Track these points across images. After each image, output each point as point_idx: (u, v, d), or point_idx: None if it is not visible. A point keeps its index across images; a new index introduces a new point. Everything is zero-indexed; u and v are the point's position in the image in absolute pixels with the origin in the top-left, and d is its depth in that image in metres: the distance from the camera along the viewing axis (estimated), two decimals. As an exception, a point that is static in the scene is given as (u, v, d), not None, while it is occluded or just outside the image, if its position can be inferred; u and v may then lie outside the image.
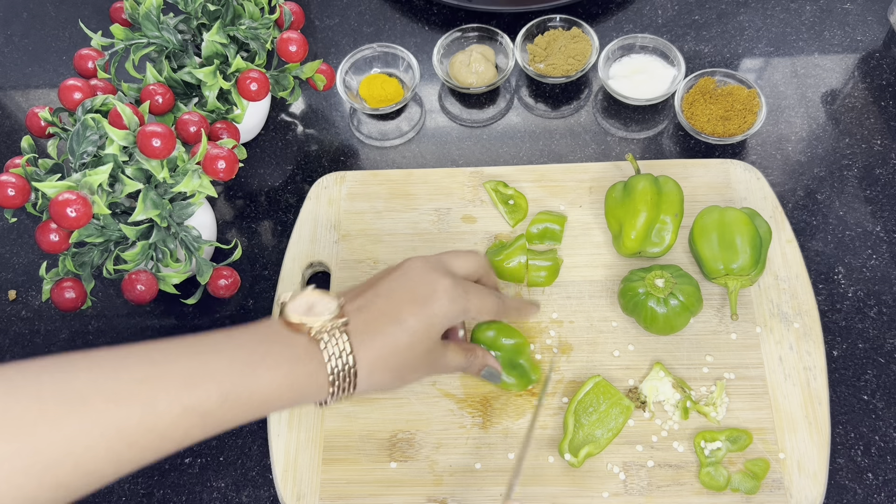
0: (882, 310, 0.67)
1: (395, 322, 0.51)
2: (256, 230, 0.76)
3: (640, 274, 0.64)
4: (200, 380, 0.44)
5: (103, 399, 0.41)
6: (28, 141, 0.64)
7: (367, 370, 0.49)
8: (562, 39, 0.81)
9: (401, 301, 0.52)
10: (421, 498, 0.61)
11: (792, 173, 0.75)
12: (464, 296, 0.54)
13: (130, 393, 0.42)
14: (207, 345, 0.46)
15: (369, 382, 0.50)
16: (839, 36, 0.83)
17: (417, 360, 0.52)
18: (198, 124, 0.64)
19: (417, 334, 0.51)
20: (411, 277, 0.53)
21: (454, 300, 0.53)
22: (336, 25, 0.89)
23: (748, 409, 0.62)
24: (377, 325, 0.50)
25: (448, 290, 0.53)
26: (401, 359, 0.51)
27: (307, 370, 0.47)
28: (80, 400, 0.40)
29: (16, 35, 0.93)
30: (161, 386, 0.42)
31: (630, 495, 0.60)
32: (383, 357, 0.50)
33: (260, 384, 0.45)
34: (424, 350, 0.52)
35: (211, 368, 0.44)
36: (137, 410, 0.41)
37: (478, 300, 0.55)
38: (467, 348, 0.58)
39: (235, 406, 0.45)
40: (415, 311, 0.51)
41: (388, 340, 0.50)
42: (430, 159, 0.79)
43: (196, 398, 0.43)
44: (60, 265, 0.63)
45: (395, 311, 0.51)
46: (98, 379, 0.41)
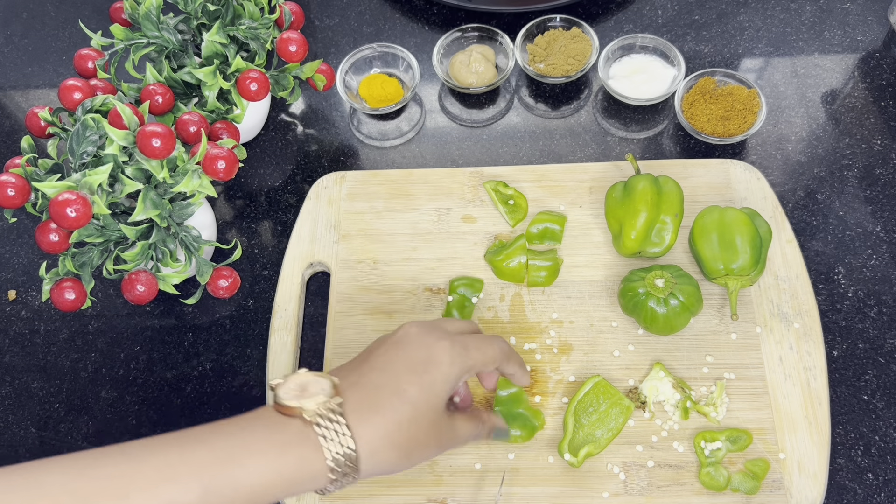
0: (882, 310, 0.67)
1: (395, 394, 0.47)
2: (256, 230, 0.76)
3: (640, 274, 0.64)
4: (179, 473, 0.41)
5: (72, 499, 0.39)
6: (28, 141, 0.64)
7: (369, 451, 0.46)
8: (562, 39, 0.81)
9: (398, 371, 0.48)
10: (421, 498, 0.61)
11: (792, 173, 0.75)
12: (463, 353, 0.51)
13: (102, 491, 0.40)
14: (190, 436, 0.44)
15: (373, 464, 0.46)
16: (839, 36, 0.83)
17: (423, 433, 0.48)
18: (198, 124, 0.64)
19: (420, 405, 0.48)
20: (407, 345, 0.50)
21: (454, 361, 0.50)
22: (336, 25, 0.89)
23: (748, 410, 0.62)
24: (376, 401, 0.47)
25: (447, 351, 0.50)
26: (405, 434, 0.47)
27: (299, 455, 0.44)
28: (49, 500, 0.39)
29: (16, 35, 0.93)
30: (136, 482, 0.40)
31: (630, 495, 0.60)
32: (386, 434, 0.46)
33: (245, 474, 0.43)
34: (429, 422, 0.48)
35: (191, 460, 0.42)
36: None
37: (478, 353, 0.52)
38: (473, 415, 0.55)
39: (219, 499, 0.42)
40: (414, 379, 0.48)
41: (389, 416, 0.47)
42: (430, 159, 0.79)
43: (173, 493, 0.41)
44: (60, 265, 0.63)
45: (394, 383, 0.48)
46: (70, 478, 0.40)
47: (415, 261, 0.71)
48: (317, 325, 0.70)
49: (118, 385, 0.69)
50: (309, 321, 0.71)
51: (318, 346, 0.69)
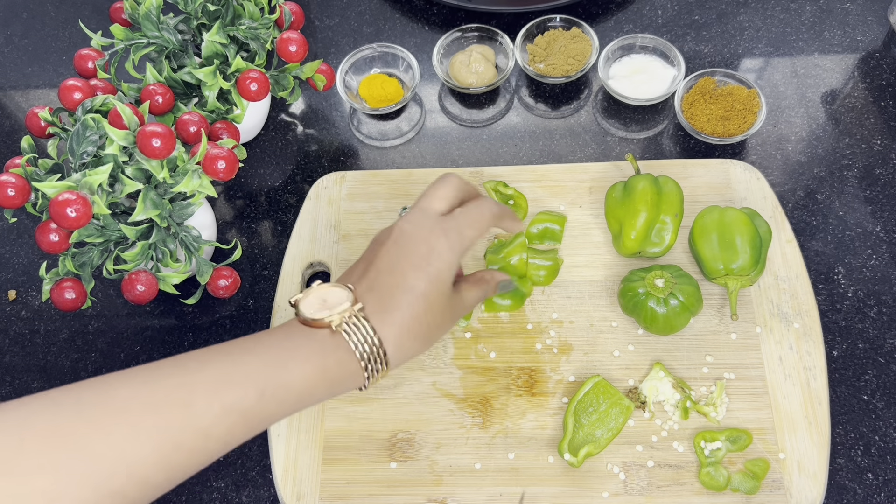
0: (882, 310, 0.67)
1: (407, 291, 0.51)
2: (256, 230, 0.76)
3: (640, 274, 0.64)
4: (235, 379, 0.45)
5: (143, 407, 0.42)
6: (28, 141, 0.64)
7: (395, 345, 0.50)
8: (562, 39, 0.81)
9: (405, 270, 0.52)
10: (421, 498, 0.61)
11: (792, 173, 0.75)
12: (458, 235, 0.54)
13: (169, 398, 0.43)
14: (237, 347, 0.47)
15: (400, 355, 0.51)
16: (839, 36, 0.83)
17: (439, 317, 0.52)
18: (198, 124, 0.64)
19: (431, 295, 0.51)
20: (406, 243, 0.54)
21: (452, 247, 0.53)
22: (336, 25, 0.89)
23: (748, 409, 0.62)
24: (392, 301, 0.50)
25: (443, 239, 0.53)
26: (424, 324, 0.51)
27: (337, 359, 0.48)
28: (122, 410, 0.42)
29: (16, 35, 0.93)
30: (198, 389, 0.44)
31: (630, 495, 0.60)
32: (406, 328, 0.50)
33: (294, 378, 0.46)
34: (442, 307, 0.52)
35: (244, 368, 0.45)
36: (178, 413, 0.42)
37: (472, 230, 0.55)
38: (477, 279, 0.59)
39: (273, 401, 0.46)
40: (420, 275, 0.51)
41: (407, 312, 0.50)
42: (430, 159, 0.79)
43: (234, 396, 0.44)
44: (60, 265, 0.63)
45: (403, 282, 0.51)
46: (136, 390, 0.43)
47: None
48: (317, 325, 0.70)
49: (118, 385, 0.69)
50: (309, 321, 0.71)
51: (318, 346, 0.69)
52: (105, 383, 0.43)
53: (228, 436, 0.44)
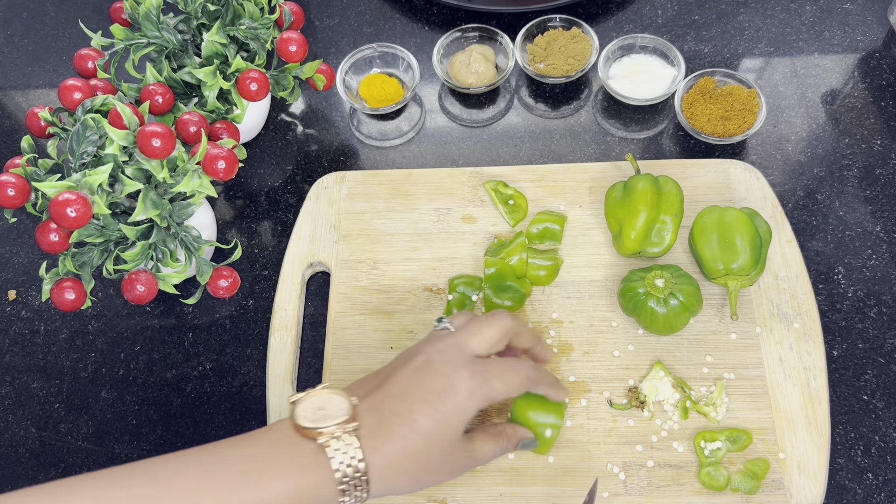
0: (882, 310, 0.67)
1: (407, 424, 0.48)
2: (256, 230, 0.76)
3: (640, 274, 0.64)
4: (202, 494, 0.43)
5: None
6: (28, 141, 0.64)
7: (380, 476, 0.47)
8: (562, 39, 0.81)
9: (413, 400, 0.49)
10: (421, 498, 0.61)
11: (792, 173, 0.75)
12: (484, 385, 0.50)
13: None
14: (211, 455, 0.46)
15: (383, 488, 0.48)
16: (839, 36, 0.83)
17: (435, 462, 0.49)
18: (198, 124, 0.64)
19: (431, 436, 0.48)
20: (426, 373, 0.50)
21: (473, 393, 0.49)
22: (336, 25, 0.89)
23: (748, 409, 0.62)
24: (389, 428, 0.47)
25: (466, 382, 0.49)
26: (415, 463, 0.48)
27: (315, 480, 0.45)
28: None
29: (16, 35, 0.93)
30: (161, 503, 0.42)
31: (630, 495, 0.60)
32: (396, 462, 0.47)
33: (264, 496, 0.44)
34: (441, 451, 0.49)
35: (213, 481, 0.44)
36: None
37: (500, 383, 0.51)
38: (496, 432, 0.54)
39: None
40: (428, 411, 0.48)
41: (400, 444, 0.47)
42: (430, 159, 0.79)
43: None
44: (60, 265, 0.63)
45: (407, 412, 0.48)
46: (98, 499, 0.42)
47: (415, 261, 0.71)
48: (317, 325, 0.70)
49: (118, 385, 0.69)
50: (309, 321, 0.71)
51: (318, 346, 0.69)
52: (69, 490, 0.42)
53: None
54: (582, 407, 0.63)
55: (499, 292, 0.67)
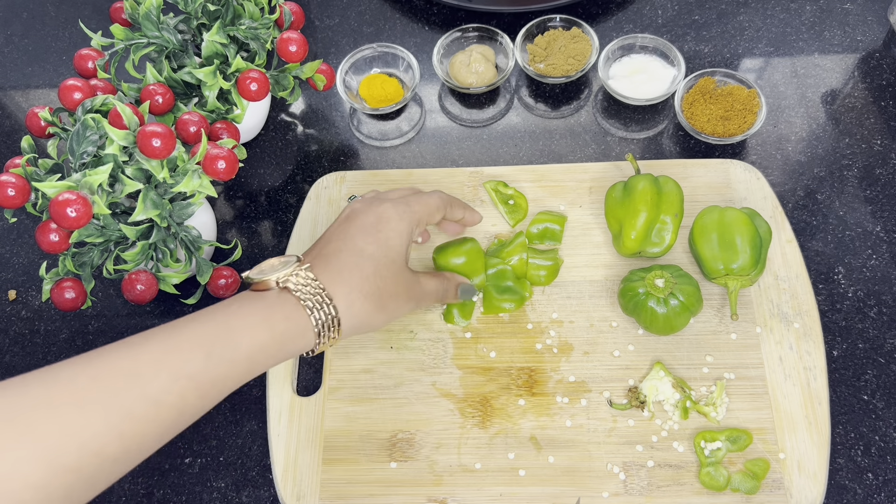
0: (882, 310, 0.67)
1: (355, 253, 0.53)
2: (256, 230, 0.76)
3: (640, 274, 0.64)
4: (181, 345, 0.45)
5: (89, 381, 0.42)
6: (28, 141, 0.64)
7: (345, 303, 0.51)
8: (562, 39, 0.81)
9: (353, 236, 0.54)
10: (421, 498, 0.61)
11: (792, 173, 0.75)
12: (407, 209, 0.57)
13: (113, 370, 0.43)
14: (182, 320, 0.48)
15: (352, 315, 0.51)
16: (839, 36, 0.83)
17: (390, 284, 0.54)
18: (198, 124, 0.64)
19: (379, 259, 0.53)
20: (356, 216, 0.56)
21: (401, 216, 0.56)
22: (336, 25, 0.89)
23: (748, 409, 0.62)
24: (340, 262, 0.52)
25: (392, 210, 0.56)
26: (373, 284, 0.52)
27: (284, 314, 0.49)
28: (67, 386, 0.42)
29: (16, 35, 0.93)
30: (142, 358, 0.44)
31: (630, 495, 0.60)
32: (356, 287, 0.51)
33: (240, 337, 0.47)
34: (393, 274, 0.54)
35: (189, 335, 0.46)
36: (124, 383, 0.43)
37: (420, 206, 0.58)
38: (437, 273, 0.62)
39: (222, 362, 0.46)
40: (369, 239, 0.54)
41: (355, 271, 0.52)
42: (430, 159, 0.79)
43: (179, 361, 0.44)
44: (60, 265, 0.63)
45: (353, 246, 0.53)
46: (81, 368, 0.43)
47: (415, 261, 0.71)
48: (317, 325, 0.70)
49: (118, 385, 0.69)
50: (309, 321, 0.71)
51: (318, 346, 0.69)
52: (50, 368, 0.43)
53: (181, 403, 0.44)
54: (582, 407, 0.63)
55: (499, 293, 0.67)
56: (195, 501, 0.64)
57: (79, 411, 0.41)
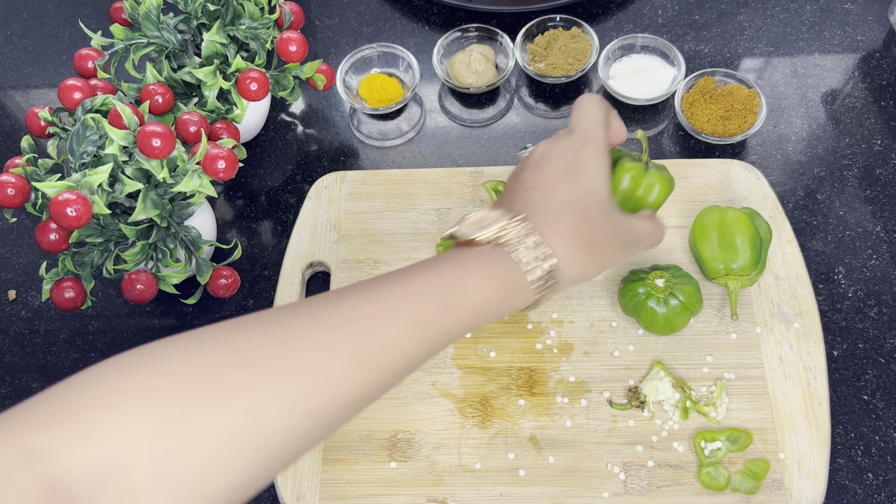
0: (882, 310, 0.67)
1: (563, 202, 0.50)
2: (256, 230, 0.76)
3: (640, 274, 0.64)
4: (414, 294, 0.45)
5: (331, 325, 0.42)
6: (28, 141, 0.64)
7: (564, 253, 0.48)
8: (562, 39, 0.81)
9: (555, 183, 0.51)
10: (421, 498, 0.61)
11: (792, 173, 0.75)
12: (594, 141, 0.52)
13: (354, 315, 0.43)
14: (408, 270, 0.47)
15: (570, 266, 0.49)
16: (839, 36, 0.83)
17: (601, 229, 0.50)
18: (198, 124, 0.64)
19: (587, 204, 0.50)
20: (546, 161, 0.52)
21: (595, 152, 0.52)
22: (336, 25, 0.89)
23: (748, 409, 0.62)
24: (548, 213, 0.49)
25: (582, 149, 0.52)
26: (589, 235, 0.50)
27: (508, 270, 0.47)
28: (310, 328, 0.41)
29: (16, 35, 0.93)
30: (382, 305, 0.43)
31: (630, 495, 0.60)
32: (571, 237, 0.49)
33: (470, 291, 0.46)
34: (603, 217, 0.51)
35: (419, 285, 0.45)
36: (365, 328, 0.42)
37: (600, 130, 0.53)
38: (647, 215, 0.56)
39: (452, 314, 0.45)
40: (571, 185, 0.50)
41: (567, 220, 0.49)
42: (430, 159, 0.79)
43: (415, 309, 0.44)
44: (60, 265, 0.63)
45: (557, 194, 0.50)
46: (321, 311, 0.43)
47: (415, 261, 0.71)
48: (317, 325, 0.70)
49: (118, 385, 0.69)
50: (309, 321, 0.71)
51: (318, 346, 0.69)
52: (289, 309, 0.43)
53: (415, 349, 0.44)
54: (582, 407, 0.63)
55: None
56: (195, 501, 0.64)
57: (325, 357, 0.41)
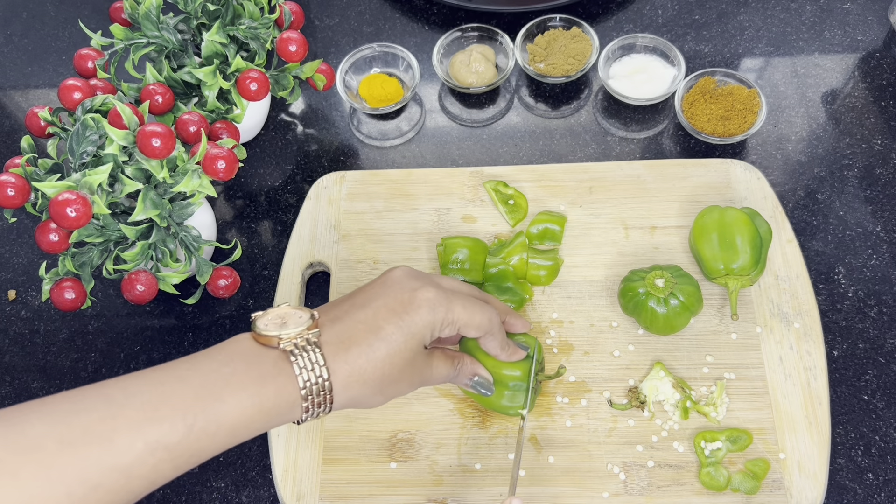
0: (882, 310, 0.67)
1: (372, 332, 0.48)
2: (256, 230, 0.76)
3: (640, 274, 0.64)
4: (162, 413, 0.41)
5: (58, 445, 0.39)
6: (28, 141, 0.64)
7: (343, 383, 0.47)
8: (562, 39, 0.81)
9: (378, 310, 0.49)
10: (421, 498, 0.61)
11: (792, 173, 0.75)
12: (447, 305, 0.50)
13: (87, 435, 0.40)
14: (169, 374, 0.44)
15: (346, 396, 0.47)
16: (839, 36, 0.83)
17: (398, 371, 0.49)
18: (198, 124, 0.64)
19: (396, 344, 0.48)
20: (391, 286, 0.51)
21: (435, 308, 0.50)
22: (336, 25, 0.89)
23: (748, 409, 0.62)
24: (353, 336, 0.48)
25: (430, 298, 0.50)
26: (379, 371, 0.48)
27: (276, 387, 0.45)
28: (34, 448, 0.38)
29: (16, 35, 0.92)
30: (120, 423, 0.40)
31: (630, 495, 0.60)
32: (360, 369, 0.47)
33: (226, 409, 0.43)
34: (404, 361, 0.49)
35: (173, 399, 0.42)
36: (96, 451, 0.39)
37: (464, 312, 0.51)
38: (453, 356, 0.55)
39: (203, 436, 0.42)
40: (393, 319, 0.49)
41: (365, 351, 0.47)
42: (430, 159, 0.79)
43: (159, 431, 0.41)
44: (60, 265, 0.63)
45: (372, 321, 0.48)
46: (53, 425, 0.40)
47: (415, 261, 0.71)
48: (317, 325, 0.70)
49: (118, 385, 0.69)
50: (309, 321, 0.71)
51: (318, 346, 0.69)
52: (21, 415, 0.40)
53: (153, 474, 0.41)
54: (582, 407, 0.63)
55: (499, 294, 0.67)
56: (195, 501, 0.64)
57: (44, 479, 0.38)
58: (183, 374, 0.44)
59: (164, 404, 0.42)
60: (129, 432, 0.40)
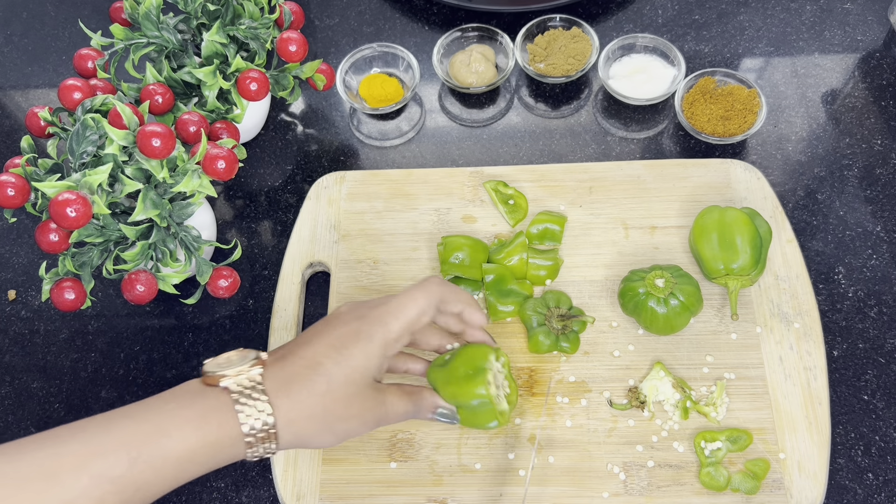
0: (882, 310, 0.67)
1: (311, 368, 0.49)
2: (256, 230, 0.76)
3: (640, 274, 0.64)
4: (106, 447, 0.42)
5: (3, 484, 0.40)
6: (28, 141, 0.64)
7: (286, 419, 0.47)
8: (562, 39, 0.81)
9: (317, 346, 0.50)
10: (421, 498, 0.61)
11: (792, 173, 0.75)
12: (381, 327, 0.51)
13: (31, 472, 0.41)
14: (117, 413, 0.45)
15: (292, 433, 0.48)
16: (839, 36, 0.83)
17: (342, 408, 0.49)
18: (198, 124, 0.64)
19: (335, 379, 0.49)
20: (333, 322, 0.52)
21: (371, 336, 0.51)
22: (336, 25, 0.89)
23: (748, 409, 0.62)
24: (294, 373, 0.48)
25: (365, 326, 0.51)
26: (321, 407, 0.48)
27: (218, 421, 0.45)
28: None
29: (16, 35, 0.92)
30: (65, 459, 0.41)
31: (630, 495, 0.60)
32: (301, 404, 0.47)
33: (170, 443, 0.44)
34: (348, 396, 0.49)
35: (117, 434, 0.43)
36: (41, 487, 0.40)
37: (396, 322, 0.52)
38: (411, 391, 0.54)
39: (147, 469, 0.43)
40: (331, 353, 0.49)
41: (305, 386, 0.48)
42: (430, 159, 0.79)
43: (103, 465, 0.42)
44: (60, 265, 0.63)
45: (312, 357, 0.49)
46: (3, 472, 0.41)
47: (415, 261, 0.71)
48: (317, 325, 0.70)
49: (118, 385, 0.69)
50: (309, 321, 0.71)
51: (318, 346, 0.69)
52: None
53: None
54: (582, 407, 0.63)
55: (501, 297, 0.67)
56: (195, 501, 0.64)
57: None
58: (129, 412, 0.45)
59: (109, 439, 0.43)
60: (74, 468, 0.41)
